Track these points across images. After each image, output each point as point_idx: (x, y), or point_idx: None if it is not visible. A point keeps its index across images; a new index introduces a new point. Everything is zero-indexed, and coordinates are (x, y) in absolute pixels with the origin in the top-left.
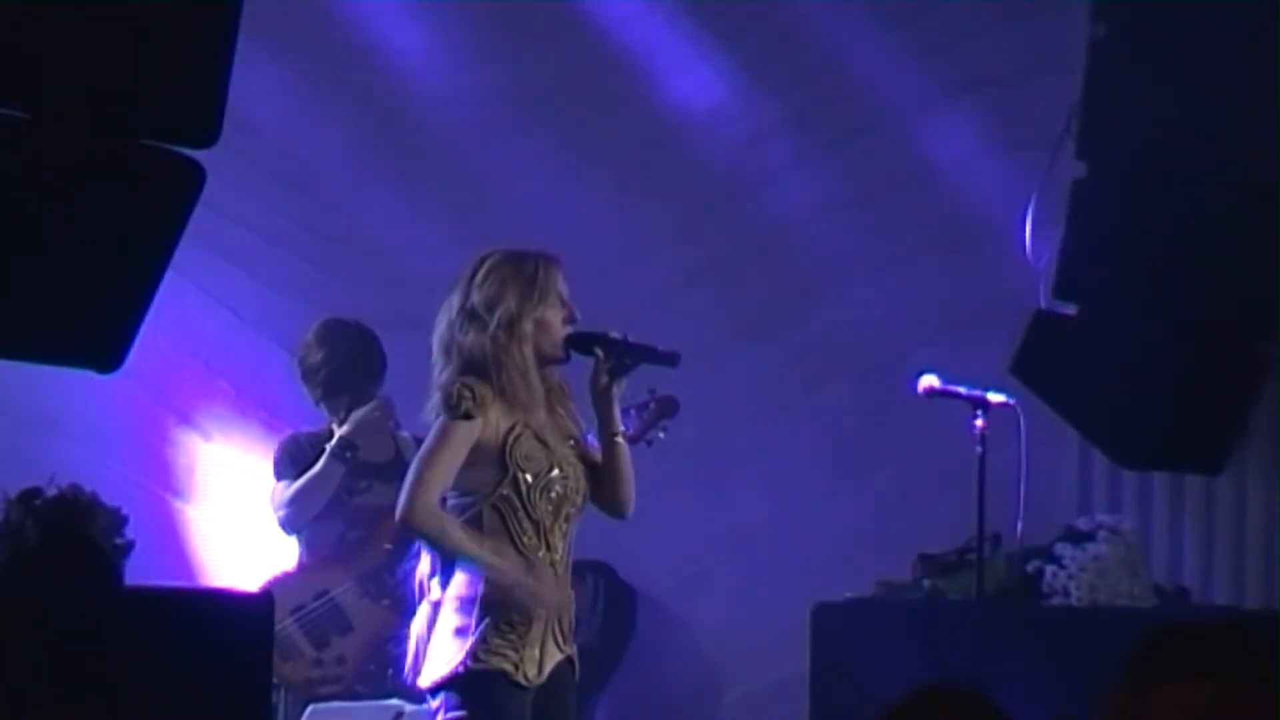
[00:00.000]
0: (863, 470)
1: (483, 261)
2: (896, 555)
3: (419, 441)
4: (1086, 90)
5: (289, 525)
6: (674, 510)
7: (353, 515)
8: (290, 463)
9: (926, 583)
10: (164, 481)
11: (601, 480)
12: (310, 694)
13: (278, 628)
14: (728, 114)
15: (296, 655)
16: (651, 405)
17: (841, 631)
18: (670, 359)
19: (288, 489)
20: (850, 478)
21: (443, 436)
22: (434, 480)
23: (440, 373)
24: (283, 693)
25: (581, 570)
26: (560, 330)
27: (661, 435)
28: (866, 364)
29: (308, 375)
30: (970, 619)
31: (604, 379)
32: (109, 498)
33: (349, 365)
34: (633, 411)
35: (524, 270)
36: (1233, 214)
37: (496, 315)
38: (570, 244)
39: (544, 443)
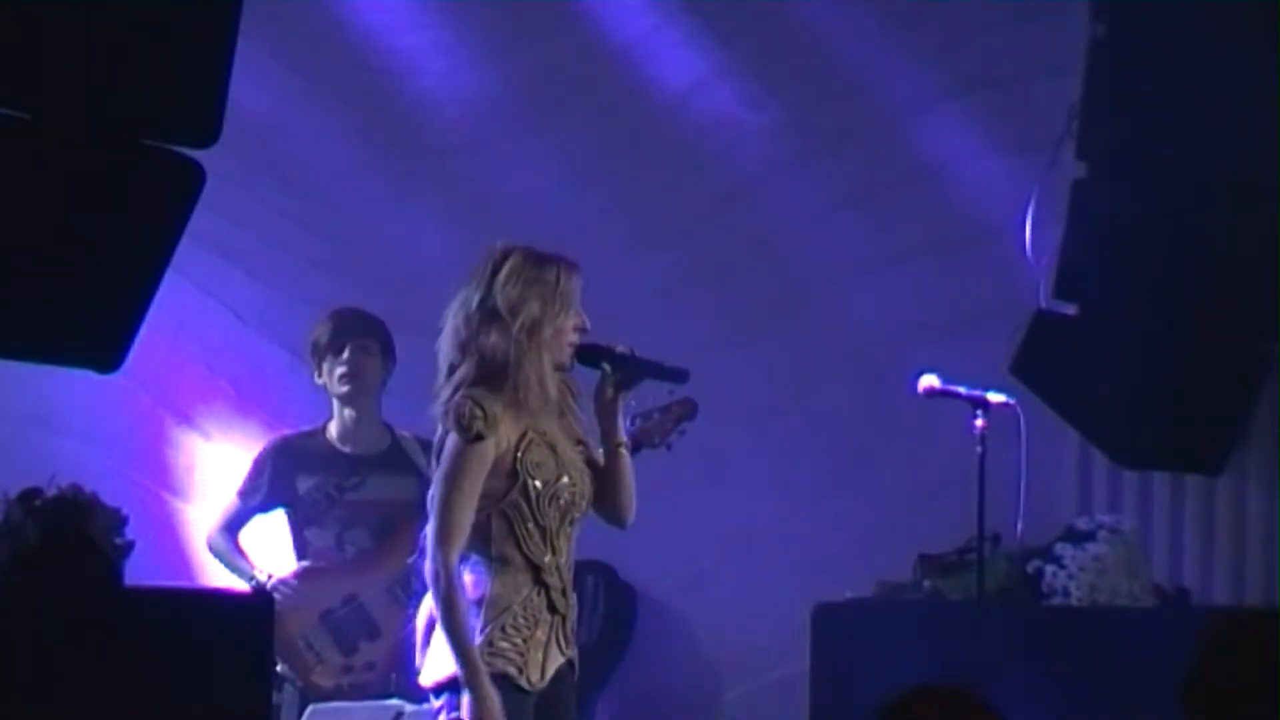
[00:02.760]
0: (863, 470)
1: (505, 258)
2: (896, 555)
3: (420, 441)
4: (1086, 90)
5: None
6: (674, 510)
7: (347, 515)
8: (250, 486)
9: (926, 583)
10: (164, 481)
11: (603, 489)
12: (339, 699)
13: (306, 632)
14: (727, 114)
15: (325, 660)
16: (673, 408)
17: (841, 631)
18: (678, 375)
19: (222, 531)
20: (850, 478)
21: (460, 464)
22: (460, 521)
23: (452, 369)
24: (285, 692)
25: (581, 570)
26: (570, 339)
27: (679, 435)
28: (866, 364)
29: (315, 348)
30: (970, 619)
31: (609, 393)
32: (109, 498)
33: (354, 321)
34: (655, 415)
35: (547, 275)
36: (1232, 214)
37: (520, 319)
38: (570, 244)
39: (553, 449)
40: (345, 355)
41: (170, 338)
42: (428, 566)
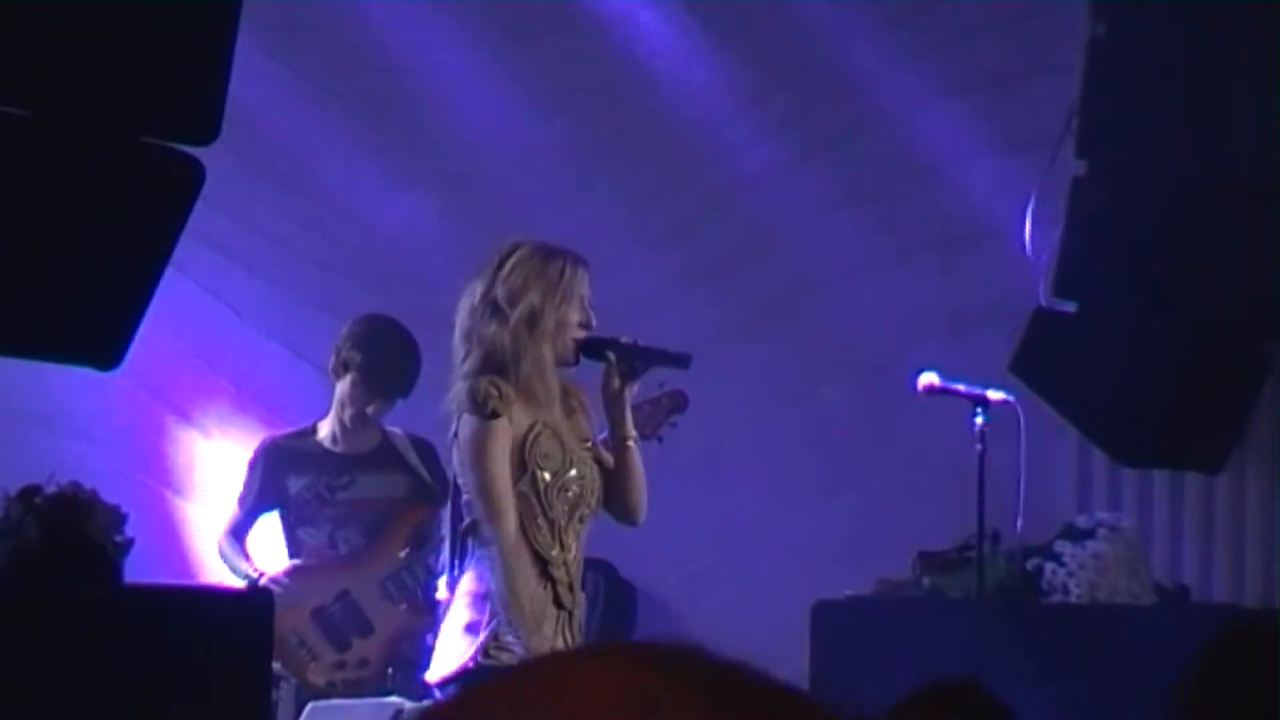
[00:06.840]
0: (863, 469)
1: (512, 251)
2: (896, 554)
3: (411, 437)
4: (1086, 90)
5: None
6: (674, 509)
7: (339, 514)
8: (247, 491)
9: (926, 581)
10: (163, 479)
11: (613, 485)
12: (334, 696)
13: (299, 629)
14: (728, 113)
15: (319, 657)
16: (662, 400)
17: (841, 631)
18: (682, 361)
19: (228, 536)
20: (850, 477)
21: (483, 441)
22: (503, 492)
23: (461, 361)
24: (282, 690)
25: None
26: (574, 333)
27: (671, 426)
28: (866, 364)
29: (339, 366)
30: (970, 617)
31: (616, 383)
32: (108, 495)
33: (390, 379)
34: (645, 407)
35: (551, 267)
36: (1232, 213)
37: (519, 309)
38: (570, 243)
39: (560, 441)
40: (369, 411)
41: (170, 335)
42: (499, 540)
